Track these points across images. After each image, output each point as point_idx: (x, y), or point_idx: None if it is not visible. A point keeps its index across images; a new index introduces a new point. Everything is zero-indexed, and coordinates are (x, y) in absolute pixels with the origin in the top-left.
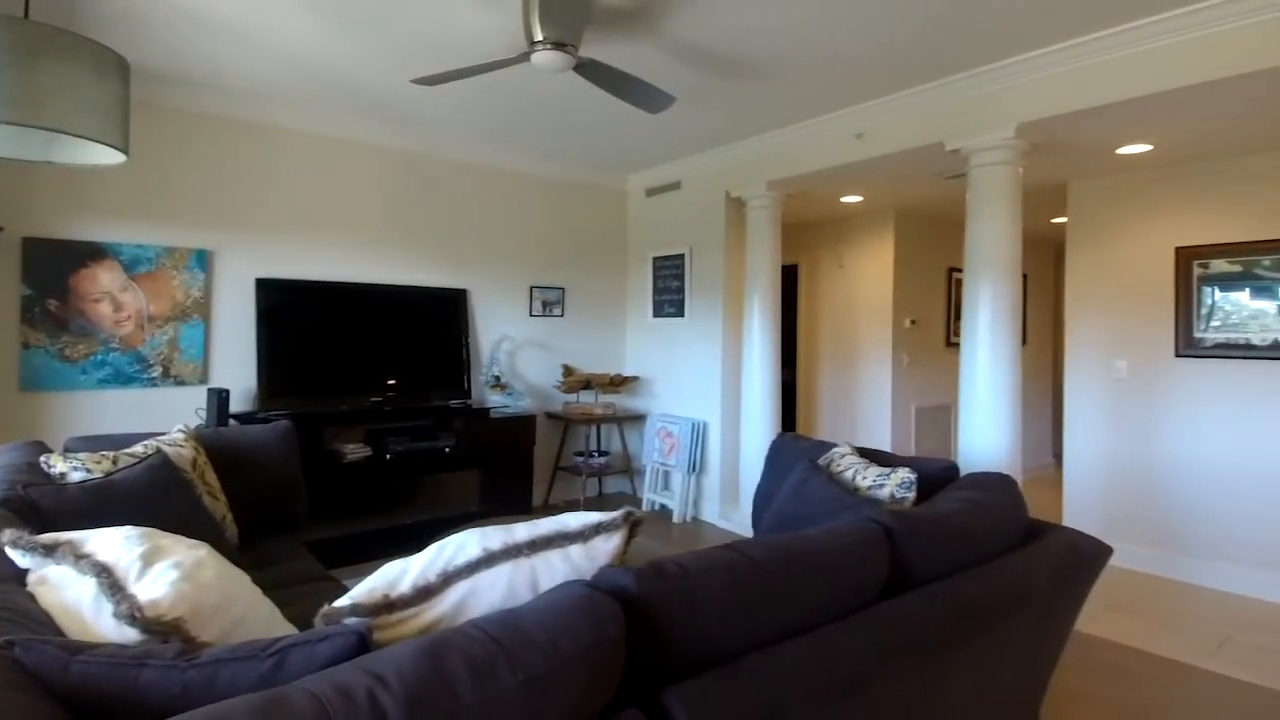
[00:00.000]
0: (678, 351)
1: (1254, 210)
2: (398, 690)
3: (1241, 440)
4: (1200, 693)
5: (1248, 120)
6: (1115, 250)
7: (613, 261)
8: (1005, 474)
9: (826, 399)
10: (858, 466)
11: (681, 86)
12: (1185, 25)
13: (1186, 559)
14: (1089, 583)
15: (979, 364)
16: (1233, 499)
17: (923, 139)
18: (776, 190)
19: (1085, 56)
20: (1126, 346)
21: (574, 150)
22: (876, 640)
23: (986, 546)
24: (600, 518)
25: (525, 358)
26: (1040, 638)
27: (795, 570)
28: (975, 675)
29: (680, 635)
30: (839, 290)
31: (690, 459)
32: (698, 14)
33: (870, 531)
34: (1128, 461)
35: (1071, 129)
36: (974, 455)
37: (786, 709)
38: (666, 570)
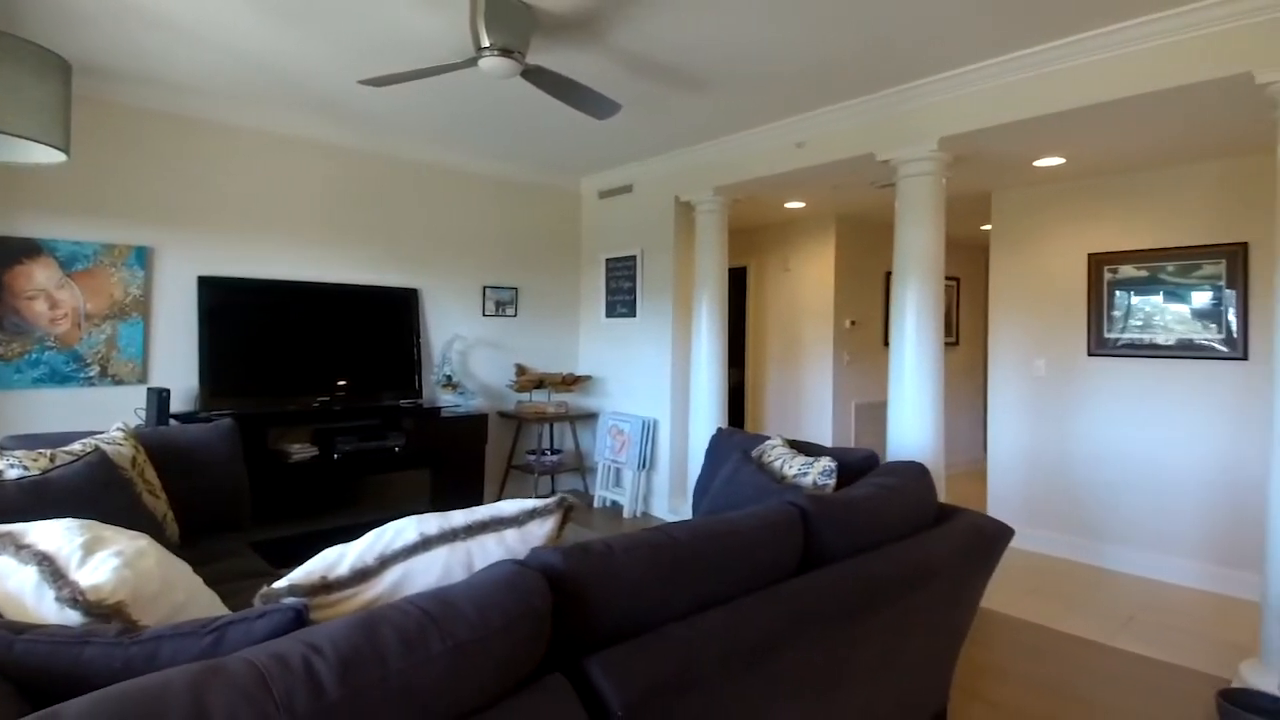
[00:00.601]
0: (630, 351)
1: (1158, 219)
2: (331, 657)
3: (1146, 433)
4: (1104, 667)
5: (1151, 136)
6: (1034, 256)
7: (566, 262)
8: (918, 462)
9: (774, 396)
10: (785, 457)
11: (629, 94)
12: (1093, 48)
13: (1098, 544)
14: (992, 561)
15: (906, 362)
16: (1139, 488)
17: (856, 149)
18: (723, 195)
19: (1001, 75)
20: (1045, 346)
21: (527, 152)
22: (788, 610)
23: (896, 527)
24: (535, 504)
25: (477, 357)
26: (946, 611)
27: (715, 548)
28: (883, 644)
29: (604, 607)
30: (785, 292)
31: (641, 456)
32: (641, 27)
33: (787, 513)
34: (1045, 454)
35: (990, 142)
36: (901, 447)
37: (700, 672)
38: (593, 549)
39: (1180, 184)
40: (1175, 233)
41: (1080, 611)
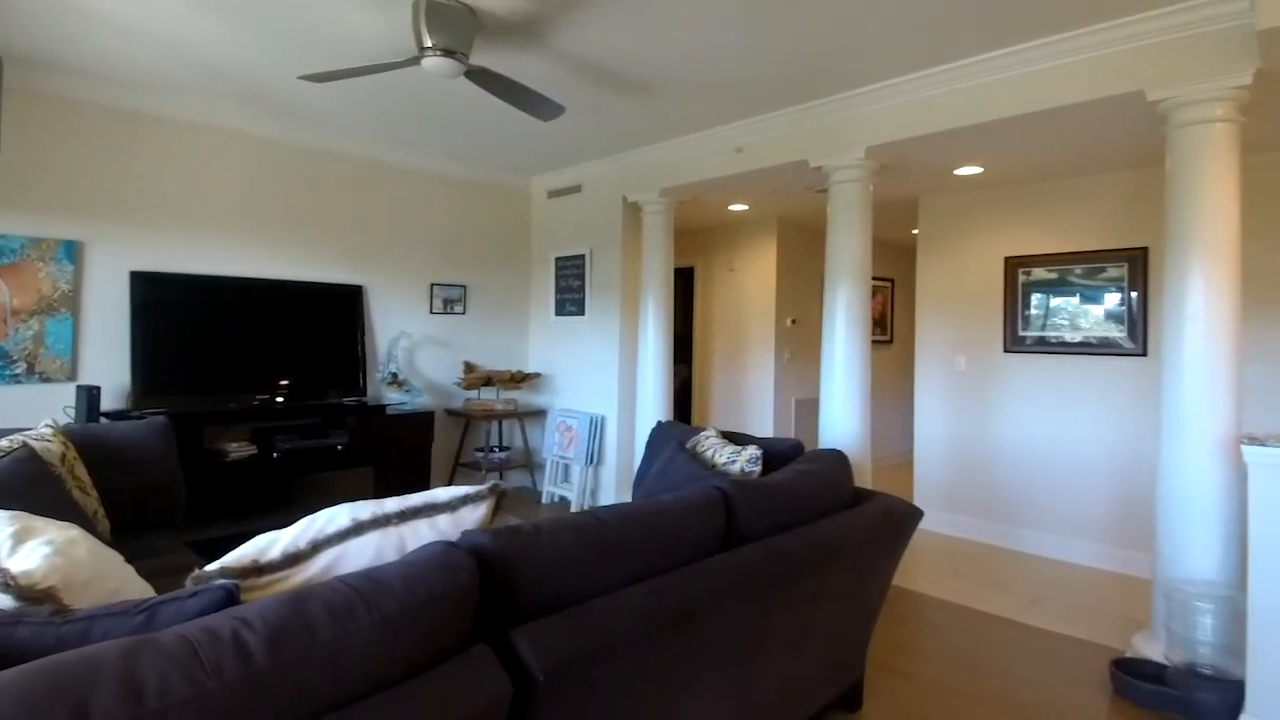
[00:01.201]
0: (578, 349)
1: (1067, 225)
2: (261, 629)
3: (1056, 425)
4: (1013, 641)
5: (1060, 148)
6: (957, 259)
7: (516, 261)
8: (838, 450)
9: (719, 393)
10: (717, 446)
11: (574, 96)
12: (1005, 65)
13: (1013, 529)
14: (902, 540)
15: (836, 358)
16: (1049, 476)
17: (791, 156)
18: (669, 196)
19: (922, 90)
20: (965, 344)
21: (477, 150)
22: (708, 585)
23: (813, 508)
24: (468, 490)
25: (425, 355)
26: (858, 585)
27: (640, 529)
28: (799, 616)
29: (531, 584)
30: (730, 292)
31: (588, 451)
32: (583, 32)
33: (710, 496)
34: (966, 445)
35: (913, 152)
36: (832, 438)
37: (621, 642)
38: (522, 531)
39: (1087, 192)
40: (1082, 238)
41: (994, 591)
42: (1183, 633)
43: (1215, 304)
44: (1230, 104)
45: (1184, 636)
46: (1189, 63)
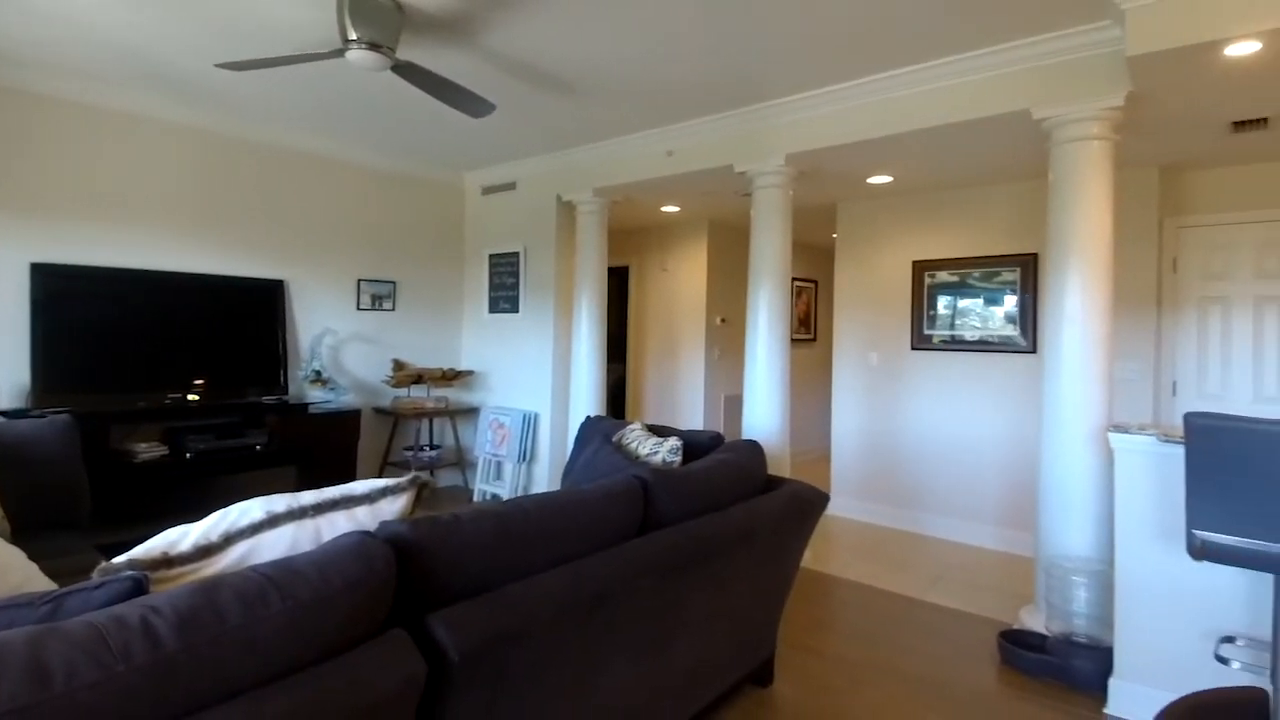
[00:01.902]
0: (512, 346)
1: (968, 232)
2: (170, 616)
3: (957, 417)
4: (914, 618)
5: (960, 159)
6: (870, 262)
7: (449, 257)
8: (754, 440)
9: (652, 389)
10: (641, 439)
11: (505, 95)
12: (909, 82)
13: (919, 514)
14: (810, 522)
15: (758, 356)
16: (951, 465)
17: (718, 161)
18: (603, 196)
19: (835, 102)
20: (878, 341)
21: (407, 144)
22: (623, 568)
23: (728, 495)
24: (387, 482)
25: (351, 352)
26: (768, 566)
27: (560, 517)
28: (712, 596)
29: (450, 571)
30: (664, 291)
31: (521, 448)
32: (512, 32)
33: (630, 485)
34: (877, 436)
35: (828, 160)
36: (754, 430)
37: (536, 624)
38: (441, 520)
39: (985, 201)
40: (981, 244)
41: (899, 572)
42: (1061, 605)
43: (1090, 305)
44: (1105, 123)
45: (1062, 609)
46: (1069, 84)
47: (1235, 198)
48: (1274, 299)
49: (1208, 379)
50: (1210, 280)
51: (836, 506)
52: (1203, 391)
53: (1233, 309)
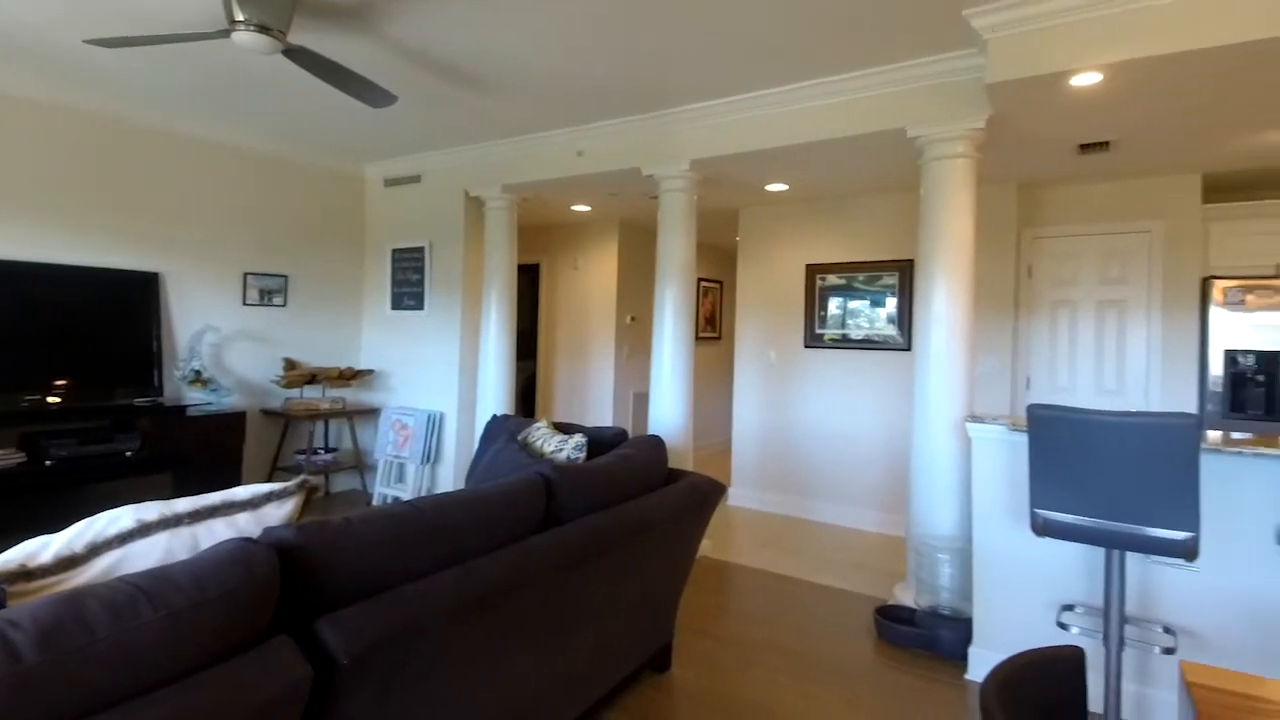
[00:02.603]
0: (417, 344)
1: (854, 238)
2: (30, 629)
3: (845, 410)
4: (804, 598)
5: (847, 171)
6: (769, 265)
7: (348, 251)
8: (656, 435)
9: (563, 386)
10: (547, 436)
11: (409, 86)
12: (801, 98)
13: (811, 502)
14: (706, 512)
15: (664, 354)
16: (839, 455)
17: (626, 163)
18: (512, 193)
19: (739, 112)
20: (775, 340)
21: (303, 131)
22: (522, 564)
23: (630, 488)
24: (272, 487)
25: (236, 351)
26: (667, 555)
27: (460, 516)
28: (612, 586)
29: (341, 574)
30: (575, 289)
31: (425, 449)
32: (413, 23)
33: (532, 481)
34: (774, 429)
35: (729, 167)
36: (659, 426)
37: (429, 623)
38: (330, 524)
39: (869, 210)
40: (866, 249)
41: (792, 556)
42: (928, 581)
43: (954, 307)
44: (969, 143)
45: (929, 584)
46: (939, 106)
47: (1082, 212)
48: (1114, 303)
49: (1058, 374)
50: (1060, 286)
51: (737, 497)
52: (1053, 385)
53: (1078, 312)
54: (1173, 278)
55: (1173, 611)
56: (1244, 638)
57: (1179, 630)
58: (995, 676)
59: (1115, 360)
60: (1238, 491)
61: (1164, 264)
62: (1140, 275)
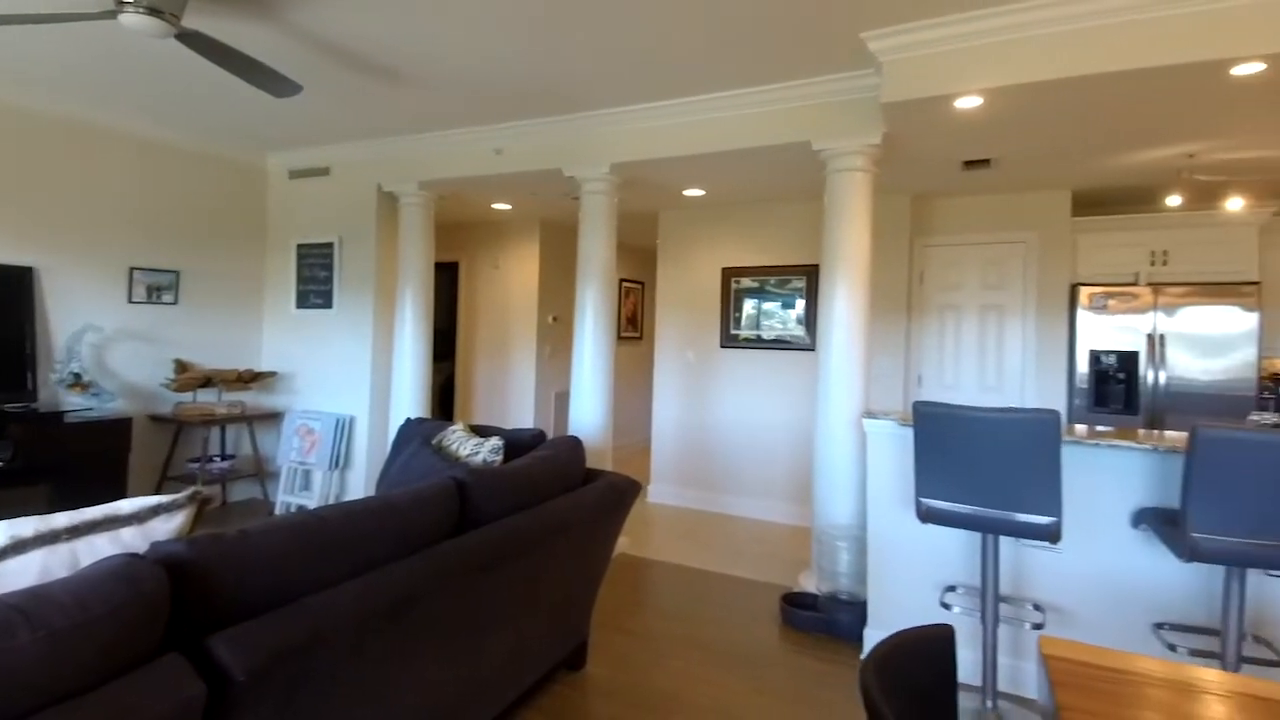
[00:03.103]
0: (325, 345)
1: (767, 243)
2: None
3: (757, 407)
4: (717, 590)
5: (760, 179)
6: (687, 267)
7: (249, 245)
8: (574, 436)
9: (483, 387)
10: (462, 440)
11: (317, 75)
12: (715, 107)
13: (727, 497)
14: (623, 510)
15: (585, 354)
16: (753, 450)
17: (547, 163)
18: (429, 190)
19: (657, 118)
20: (693, 340)
21: (199, 117)
22: (432, 570)
23: (547, 489)
24: (159, 500)
25: (122, 352)
26: (584, 554)
27: (367, 524)
28: (528, 587)
29: (237, 589)
30: (495, 288)
31: (334, 455)
32: (321, 10)
33: (445, 486)
34: (692, 427)
35: (648, 172)
36: (580, 426)
37: (331, 635)
38: (225, 537)
39: (781, 216)
40: (777, 254)
41: (707, 550)
42: (829, 568)
43: (853, 310)
44: (867, 158)
45: (830, 571)
46: (840, 122)
47: (966, 222)
48: (994, 307)
49: (945, 372)
50: (947, 291)
51: (656, 493)
52: (941, 382)
53: (963, 315)
54: (1045, 284)
55: (1043, 590)
56: (1105, 612)
57: (1048, 607)
58: (873, 657)
59: (995, 360)
60: (1097, 480)
61: (1038, 272)
62: (1016, 282)
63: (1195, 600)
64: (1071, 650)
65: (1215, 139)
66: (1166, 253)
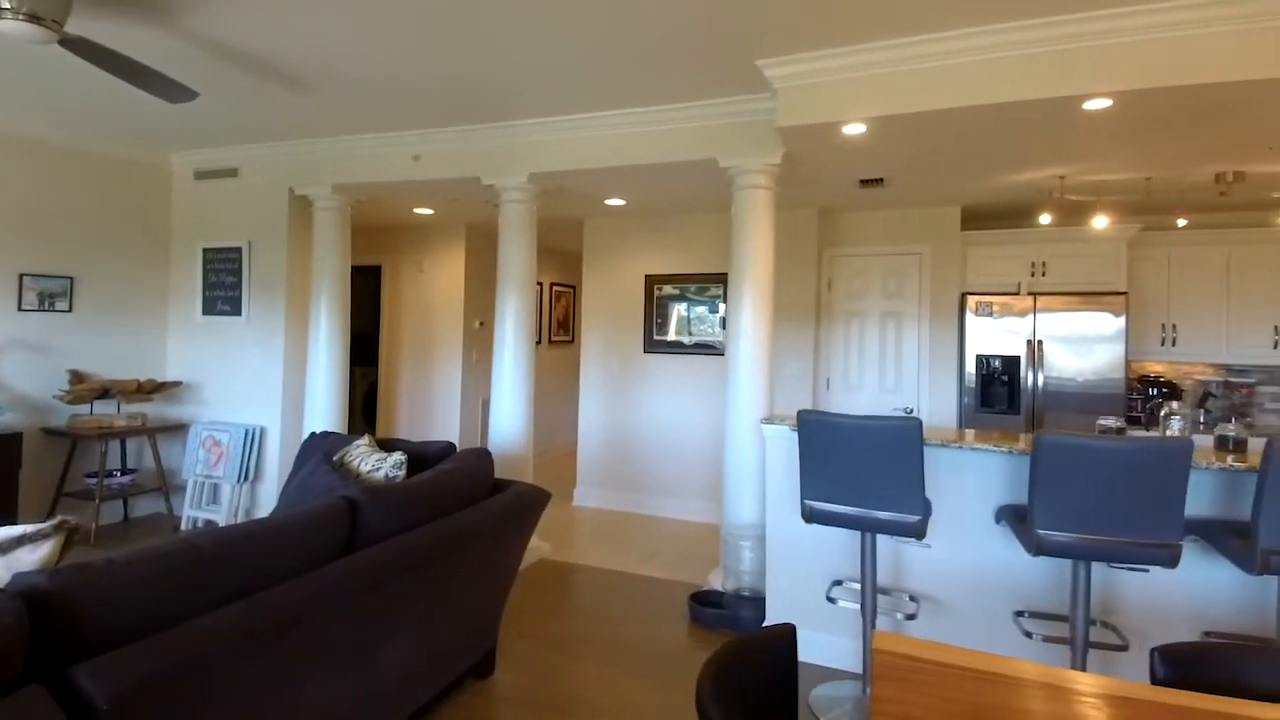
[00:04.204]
0: (233, 353)
1: (686, 251)
2: None
3: (677, 410)
4: (629, 590)
5: (677, 191)
6: (612, 274)
7: (151, 250)
8: (482, 448)
9: (406, 394)
10: (364, 455)
11: (216, 79)
12: (630, 121)
13: (648, 498)
14: (531, 519)
15: (505, 362)
16: (672, 452)
17: (465, 171)
18: (343, 194)
19: (574, 130)
20: (618, 345)
21: (93, 115)
22: (316, 591)
23: (450, 503)
24: (24, 529)
25: (11, 362)
26: (489, 564)
27: (245, 549)
28: (428, 600)
29: (103, 619)
30: (420, 293)
31: (242, 467)
32: (217, 13)
33: (334, 506)
34: (616, 430)
35: (568, 181)
36: (500, 434)
37: (204, 660)
38: (89, 567)
39: (701, 226)
40: (696, 262)
41: (624, 551)
42: (734, 566)
43: (757, 318)
44: (769, 175)
45: (734, 569)
46: (743, 142)
47: (868, 234)
48: (893, 314)
49: (850, 375)
50: (852, 298)
51: (581, 496)
52: (847, 385)
53: (866, 321)
54: (938, 293)
55: (919, 582)
56: (972, 602)
57: (923, 598)
58: (712, 661)
59: (894, 363)
60: (965, 480)
61: (931, 281)
62: (913, 290)
63: (1050, 590)
64: (902, 645)
65: (1081, 163)
66: (1045, 264)
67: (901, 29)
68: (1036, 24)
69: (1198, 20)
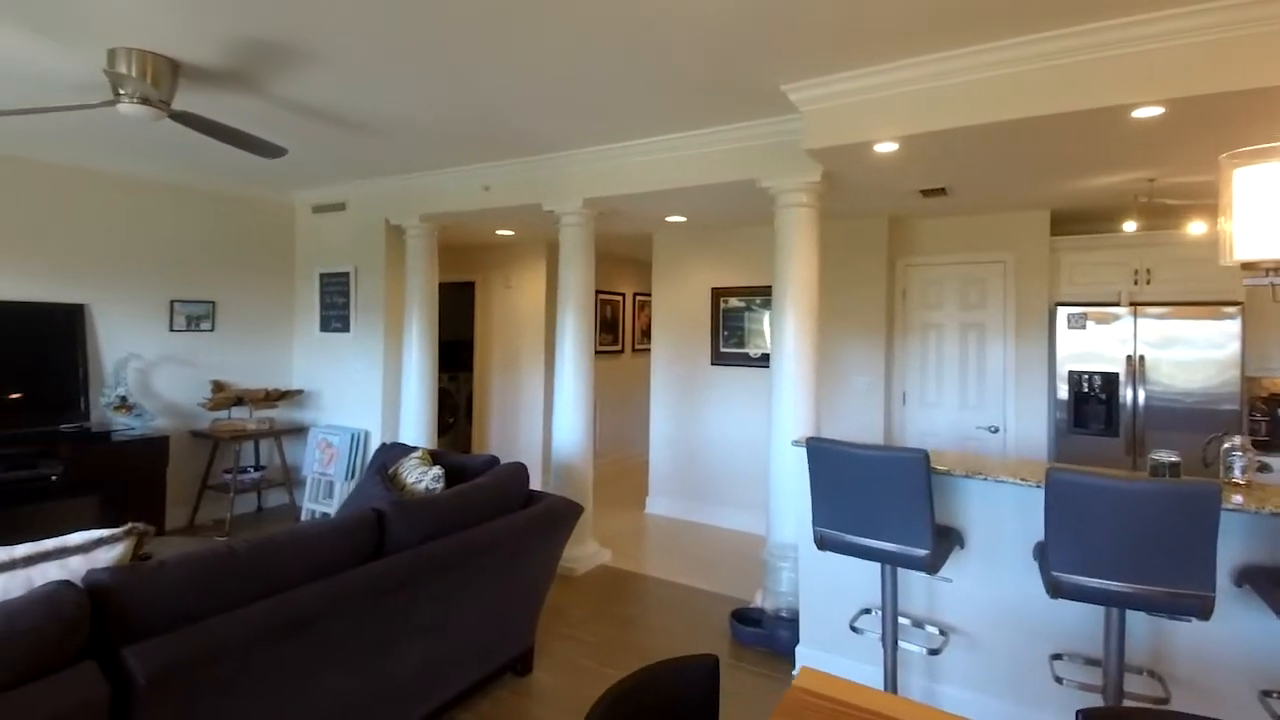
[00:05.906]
0: (343, 365)
1: (749, 263)
2: None
3: (742, 422)
4: (674, 600)
5: (731, 208)
6: (680, 285)
7: (280, 275)
8: (519, 462)
9: (496, 402)
10: (413, 468)
11: (303, 134)
12: (675, 146)
13: (713, 508)
14: (561, 531)
15: (564, 377)
16: (737, 463)
17: (528, 199)
18: (430, 222)
19: (620, 157)
20: (686, 356)
21: (226, 165)
22: (336, 593)
23: (477, 515)
24: (104, 533)
25: (164, 375)
26: (514, 573)
27: (278, 555)
28: (447, 604)
29: (149, 610)
30: (508, 307)
31: (349, 466)
32: (295, 85)
33: (364, 517)
34: (685, 441)
35: (623, 204)
36: (560, 446)
37: (231, 648)
38: (142, 568)
39: (761, 239)
40: (760, 274)
41: (680, 560)
42: (774, 585)
43: (800, 336)
44: (810, 193)
45: (774, 588)
46: (780, 162)
47: (945, 243)
48: (974, 326)
49: (927, 391)
50: (928, 309)
51: (653, 506)
52: (924, 401)
53: (944, 333)
54: (1025, 303)
55: (952, 615)
56: (1006, 639)
57: (954, 631)
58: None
59: (977, 379)
60: (1001, 510)
61: (1017, 291)
62: (996, 301)
63: (1093, 634)
64: (816, 682)
65: (1162, 166)
66: (1150, 271)
67: (922, 48)
68: (1038, 39)
69: (1239, 21)
